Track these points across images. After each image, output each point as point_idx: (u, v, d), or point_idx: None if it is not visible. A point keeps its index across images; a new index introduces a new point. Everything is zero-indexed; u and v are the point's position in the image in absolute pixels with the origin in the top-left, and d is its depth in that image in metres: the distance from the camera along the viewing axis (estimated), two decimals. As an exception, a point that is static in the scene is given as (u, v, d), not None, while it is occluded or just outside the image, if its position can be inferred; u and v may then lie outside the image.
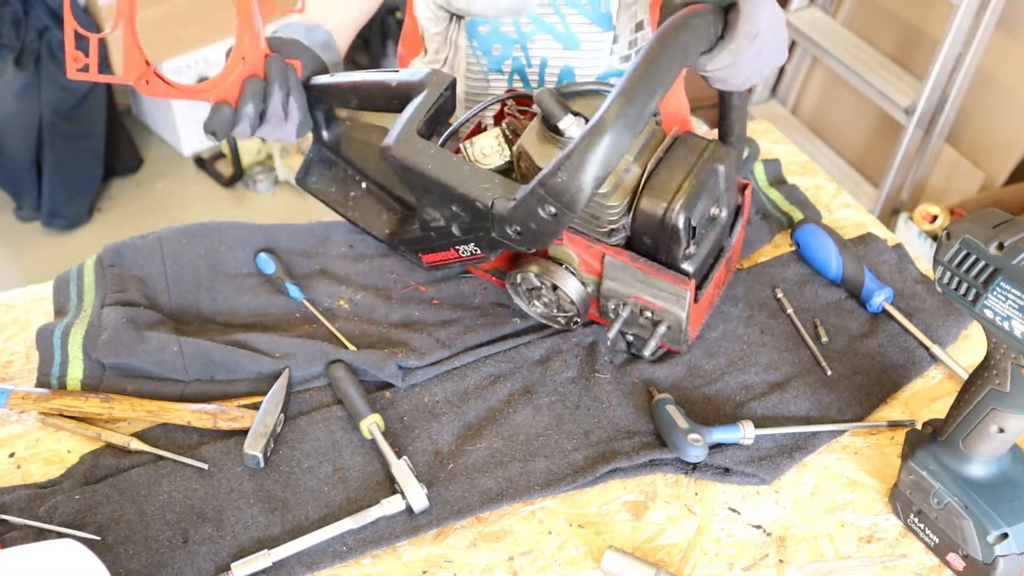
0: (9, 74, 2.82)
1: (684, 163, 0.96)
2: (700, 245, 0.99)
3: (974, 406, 0.83)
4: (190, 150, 3.33)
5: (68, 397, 1.00)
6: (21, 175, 2.97)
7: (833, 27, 2.82)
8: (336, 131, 1.16)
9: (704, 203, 0.96)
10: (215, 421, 0.99)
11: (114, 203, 3.14)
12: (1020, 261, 0.74)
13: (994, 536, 0.83)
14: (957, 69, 2.44)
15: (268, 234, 1.20)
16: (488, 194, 0.92)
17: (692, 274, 0.97)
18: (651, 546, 0.90)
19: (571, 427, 1.00)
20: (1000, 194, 2.50)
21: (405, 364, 1.04)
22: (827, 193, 1.29)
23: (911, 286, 1.14)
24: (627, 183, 0.96)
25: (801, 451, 0.97)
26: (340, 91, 1.08)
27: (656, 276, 0.97)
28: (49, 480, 0.96)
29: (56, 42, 2.83)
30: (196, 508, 0.93)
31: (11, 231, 3.05)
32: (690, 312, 0.99)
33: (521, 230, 0.91)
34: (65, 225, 3.03)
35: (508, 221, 0.92)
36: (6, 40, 2.80)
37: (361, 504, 0.93)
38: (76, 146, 2.95)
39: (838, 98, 2.90)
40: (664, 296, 0.98)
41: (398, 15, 3.45)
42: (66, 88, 2.87)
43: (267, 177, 3.19)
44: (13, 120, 2.87)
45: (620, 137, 0.83)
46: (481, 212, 0.93)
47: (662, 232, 0.95)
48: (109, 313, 1.07)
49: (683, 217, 0.93)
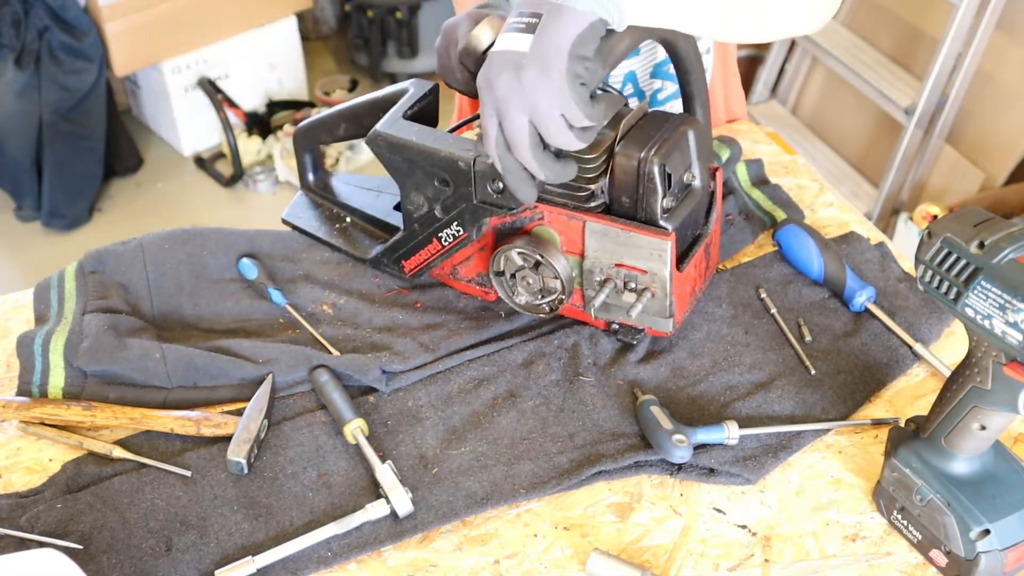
0: (9, 74, 2.83)
1: (656, 127, 1.00)
2: (678, 206, 1.01)
3: (956, 403, 0.83)
4: (190, 150, 3.34)
5: (49, 405, 1.00)
6: (21, 175, 2.98)
7: (833, 27, 2.83)
8: (322, 176, 1.25)
9: (677, 159, 0.99)
10: (198, 428, 0.98)
11: (114, 203, 3.15)
12: (1000, 260, 0.74)
13: (976, 532, 0.83)
14: (957, 69, 2.45)
15: (251, 239, 1.20)
16: (470, 153, 0.98)
17: (671, 230, 0.99)
18: (636, 547, 0.90)
19: (556, 430, 1.00)
20: (1000, 194, 2.51)
21: (389, 368, 1.04)
22: (810, 193, 1.30)
23: (894, 284, 1.14)
24: (602, 142, 0.99)
25: (786, 450, 0.97)
26: (327, 124, 1.17)
27: (636, 233, 0.99)
28: (31, 489, 0.95)
29: (56, 42, 2.84)
30: (180, 515, 0.92)
31: (11, 231, 3.06)
32: (673, 276, 1.00)
33: (503, 185, 0.97)
34: (65, 225, 3.04)
35: (490, 176, 0.97)
36: (6, 40, 2.81)
37: (346, 509, 0.92)
38: (76, 146, 2.96)
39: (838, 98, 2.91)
40: (646, 255, 1.00)
41: (398, 15, 3.45)
42: (66, 88, 2.89)
43: (267, 177, 3.19)
44: (13, 120, 2.88)
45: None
46: (464, 174, 0.99)
47: (639, 182, 0.97)
48: (91, 320, 1.07)
49: (658, 164, 0.96)
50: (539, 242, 1.03)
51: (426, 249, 1.09)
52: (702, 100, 1.04)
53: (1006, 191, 2.51)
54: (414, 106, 1.08)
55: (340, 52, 3.79)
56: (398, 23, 3.47)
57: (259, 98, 3.40)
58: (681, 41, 0.98)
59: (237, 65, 3.29)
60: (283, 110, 3.37)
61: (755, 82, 3.05)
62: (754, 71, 3.07)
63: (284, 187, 3.15)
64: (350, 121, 1.16)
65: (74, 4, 2.88)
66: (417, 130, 1.03)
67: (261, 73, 3.38)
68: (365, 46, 3.58)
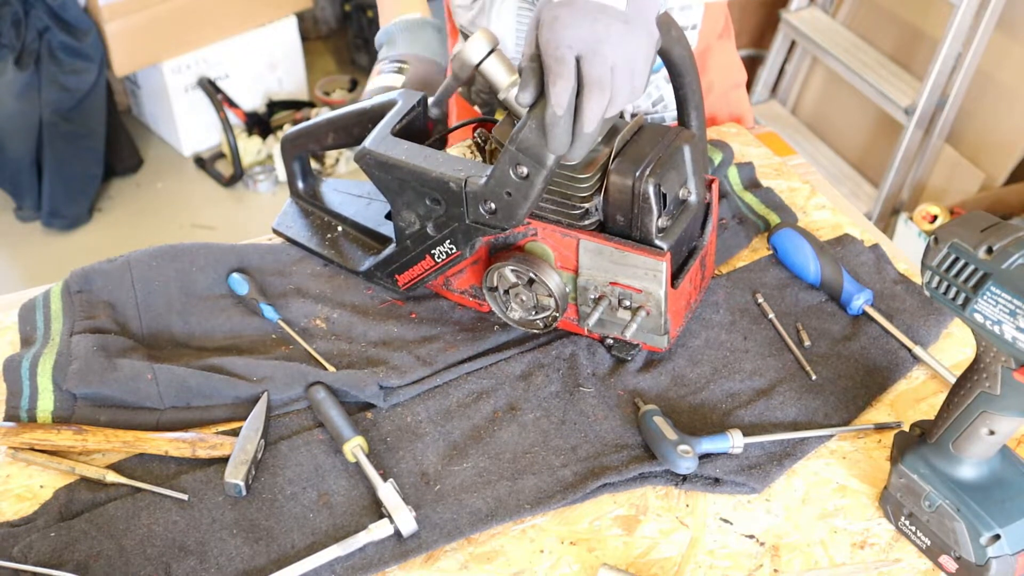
0: (9, 74, 2.82)
1: (651, 143, 0.99)
2: (673, 224, 1.00)
3: (964, 409, 0.83)
4: (190, 150, 3.33)
5: (39, 430, 0.97)
6: (21, 175, 2.97)
7: (833, 27, 2.83)
8: (311, 183, 1.23)
9: (673, 177, 0.98)
10: (193, 449, 0.96)
11: (114, 203, 3.14)
12: (1010, 265, 0.74)
13: (986, 538, 0.83)
14: (957, 69, 2.46)
15: (240, 254, 1.17)
16: (461, 173, 0.97)
17: (667, 249, 0.98)
18: (644, 561, 0.89)
19: (558, 443, 0.98)
20: (1000, 194, 2.52)
21: (386, 383, 1.02)
22: (802, 195, 1.29)
23: (890, 287, 1.14)
24: (596, 159, 0.97)
25: (790, 458, 0.96)
26: (315, 133, 1.16)
27: (631, 252, 0.98)
28: (22, 518, 0.92)
29: (56, 42, 2.83)
30: (177, 541, 0.90)
31: (11, 231, 3.05)
32: (668, 295, 0.99)
33: (495, 206, 0.95)
34: (65, 225, 3.03)
35: (482, 197, 0.95)
36: (6, 40, 2.79)
37: (348, 530, 0.91)
38: (76, 146, 2.95)
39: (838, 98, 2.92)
40: (640, 274, 0.99)
41: None
42: (66, 88, 2.88)
43: (267, 177, 3.19)
44: (13, 120, 2.88)
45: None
46: (455, 195, 0.97)
47: (634, 202, 0.96)
48: (79, 341, 1.04)
49: (653, 184, 0.95)
50: (533, 260, 1.02)
51: (419, 265, 1.07)
52: (696, 103, 1.03)
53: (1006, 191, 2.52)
54: (402, 120, 1.06)
55: (340, 52, 3.78)
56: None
57: (259, 98, 3.39)
58: (676, 47, 0.97)
59: (237, 65, 3.28)
60: (283, 110, 3.36)
61: (755, 82, 3.05)
62: (754, 71, 3.07)
63: (284, 187, 3.14)
64: (339, 131, 1.14)
65: (74, 4, 2.86)
66: (406, 148, 1.01)
67: (261, 73, 3.36)
68: (365, 46, 3.58)
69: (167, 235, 2.87)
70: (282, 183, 3.16)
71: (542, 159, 0.89)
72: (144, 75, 3.26)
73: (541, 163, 0.90)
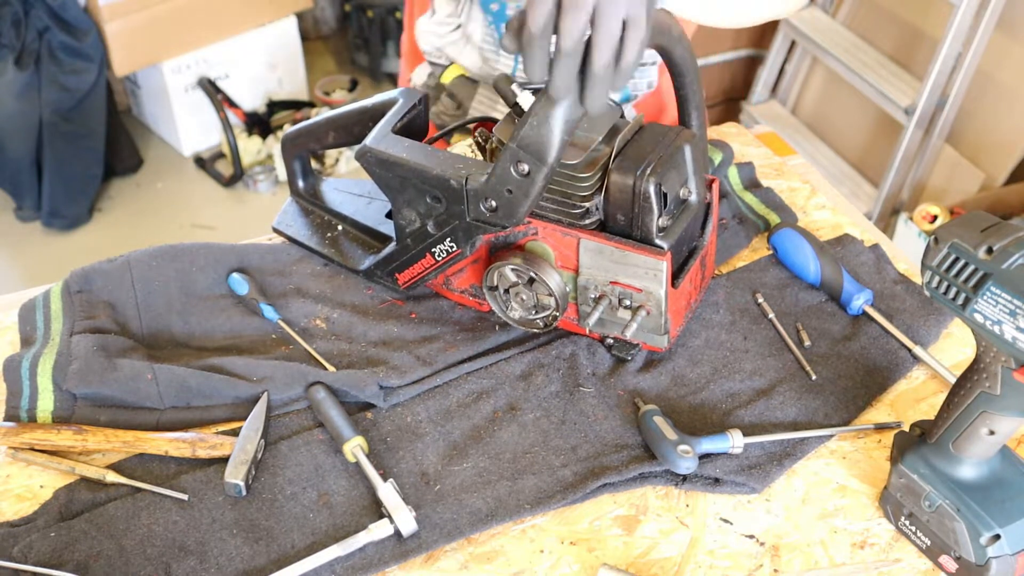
0: (9, 74, 2.82)
1: (652, 142, 0.99)
2: (674, 224, 1.00)
3: (964, 409, 0.83)
4: (190, 150, 3.33)
5: (39, 430, 0.97)
6: (21, 175, 2.98)
7: (833, 27, 2.83)
8: (312, 182, 1.23)
9: (674, 177, 0.98)
10: (193, 449, 0.96)
11: (114, 203, 3.15)
12: (1010, 265, 0.74)
13: (987, 538, 0.83)
14: (957, 69, 2.46)
15: (240, 253, 1.17)
16: (462, 171, 0.97)
17: (667, 249, 0.98)
18: (644, 561, 0.89)
19: (558, 443, 0.98)
20: (1000, 194, 2.52)
21: (386, 383, 1.02)
22: (802, 195, 1.29)
23: (890, 287, 1.14)
24: (597, 159, 0.98)
25: (790, 458, 0.96)
26: (316, 132, 1.16)
27: (631, 252, 0.98)
28: (22, 518, 0.92)
29: (56, 42, 2.83)
30: (177, 541, 0.90)
31: (11, 231, 3.06)
32: (668, 295, 0.99)
33: (496, 204, 0.95)
34: (65, 225, 3.04)
35: (483, 194, 0.95)
36: (6, 40, 2.80)
37: (348, 530, 0.91)
38: (76, 146, 2.96)
39: (838, 98, 2.91)
40: (641, 273, 0.99)
41: (398, 15, 3.44)
42: (66, 88, 2.88)
43: (267, 177, 3.19)
44: (13, 120, 2.88)
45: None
46: (456, 193, 0.97)
47: (634, 201, 0.96)
48: (79, 341, 1.04)
49: (654, 183, 0.95)
50: (533, 259, 1.02)
51: (419, 263, 1.07)
52: (696, 103, 1.03)
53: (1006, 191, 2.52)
54: (403, 118, 1.06)
55: (340, 52, 3.78)
56: (398, 23, 3.47)
57: (259, 98, 3.39)
58: (676, 47, 0.97)
59: (237, 65, 3.28)
60: (283, 110, 3.36)
61: (755, 82, 3.04)
62: (754, 71, 3.06)
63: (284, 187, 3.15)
64: (339, 130, 1.14)
65: (74, 4, 2.87)
66: (407, 146, 1.02)
67: (261, 73, 3.37)
68: (365, 46, 3.58)
69: (167, 235, 2.88)
70: (282, 183, 3.17)
71: (543, 157, 0.90)
72: (144, 75, 3.26)
73: (542, 161, 0.90)
